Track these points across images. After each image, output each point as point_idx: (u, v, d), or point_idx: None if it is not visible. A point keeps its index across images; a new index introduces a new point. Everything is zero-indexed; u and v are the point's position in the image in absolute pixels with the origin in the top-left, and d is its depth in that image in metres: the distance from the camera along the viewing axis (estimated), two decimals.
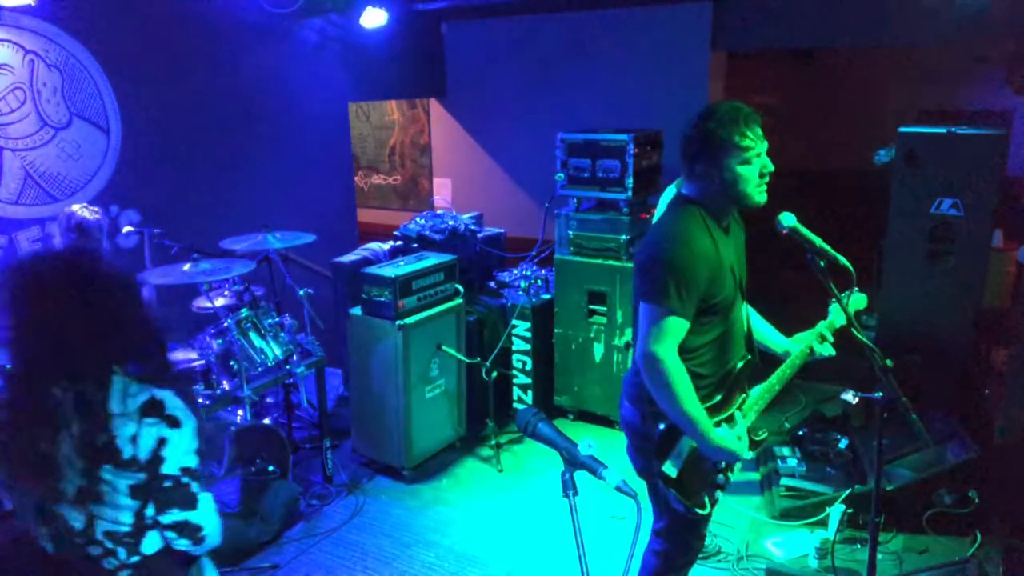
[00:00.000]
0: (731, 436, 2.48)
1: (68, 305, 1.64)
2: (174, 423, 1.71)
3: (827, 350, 2.63)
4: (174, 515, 1.75)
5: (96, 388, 1.67)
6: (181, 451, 1.72)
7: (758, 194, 2.41)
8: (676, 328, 2.37)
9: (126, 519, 1.71)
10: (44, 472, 1.66)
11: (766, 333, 2.75)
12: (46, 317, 1.64)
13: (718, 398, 2.53)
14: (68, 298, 1.65)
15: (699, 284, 2.37)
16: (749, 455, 2.56)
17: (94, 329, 1.67)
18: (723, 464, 2.53)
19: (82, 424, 1.65)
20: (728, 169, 2.36)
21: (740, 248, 2.62)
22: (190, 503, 1.75)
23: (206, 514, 1.80)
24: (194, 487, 1.75)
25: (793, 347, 2.66)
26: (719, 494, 2.60)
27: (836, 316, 2.64)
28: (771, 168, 2.41)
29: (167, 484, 1.71)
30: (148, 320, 1.79)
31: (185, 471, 1.73)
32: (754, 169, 2.37)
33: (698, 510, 2.51)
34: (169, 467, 1.71)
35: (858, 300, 2.73)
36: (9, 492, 1.79)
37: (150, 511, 1.73)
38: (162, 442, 1.69)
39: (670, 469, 2.47)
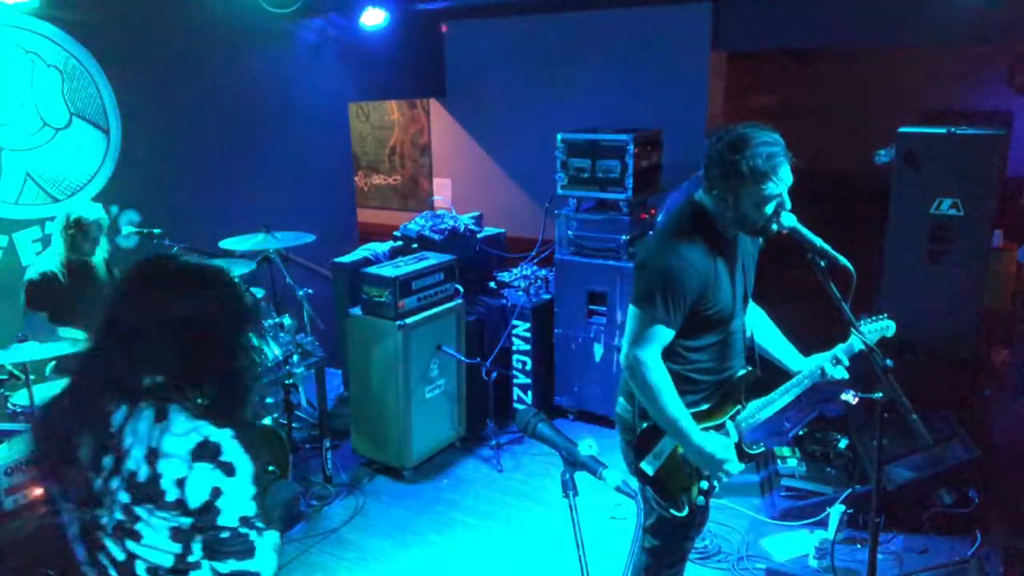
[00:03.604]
0: (718, 442, 2.46)
1: (167, 308, 1.58)
2: (229, 471, 1.59)
3: (840, 373, 2.51)
4: (231, 564, 1.65)
5: (150, 412, 1.57)
6: (238, 501, 1.61)
7: (769, 229, 2.35)
8: (660, 336, 2.38)
9: (166, 561, 1.64)
10: (86, 498, 1.61)
11: (781, 347, 2.67)
12: (136, 314, 1.59)
13: (706, 406, 2.52)
14: (174, 301, 1.59)
15: (689, 296, 2.34)
16: (738, 467, 2.49)
17: (173, 344, 1.59)
18: (705, 472, 2.49)
19: (111, 449, 1.57)
20: (743, 204, 2.30)
21: (749, 254, 2.56)
22: (248, 552, 1.65)
23: (264, 559, 1.69)
24: (252, 536, 1.65)
25: (805, 366, 2.57)
26: (713, 499, 2.58)
27: (855, 341, 2.48)
28: (789, 206, 2.33)
29: (224, 535, 1.62)
30: (241, 355, 1.69)
31: (243, 521, 1.63)
32: (771, 208, 2.31)
33: (674, 512, 2.51)
34: (226, 519, 1.60)
35: (887, 327, 2.55)
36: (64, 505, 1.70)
37: (195, 554, 1.64)
38: (217, 492, 1.58)
39: (647, 467, 2.50)
